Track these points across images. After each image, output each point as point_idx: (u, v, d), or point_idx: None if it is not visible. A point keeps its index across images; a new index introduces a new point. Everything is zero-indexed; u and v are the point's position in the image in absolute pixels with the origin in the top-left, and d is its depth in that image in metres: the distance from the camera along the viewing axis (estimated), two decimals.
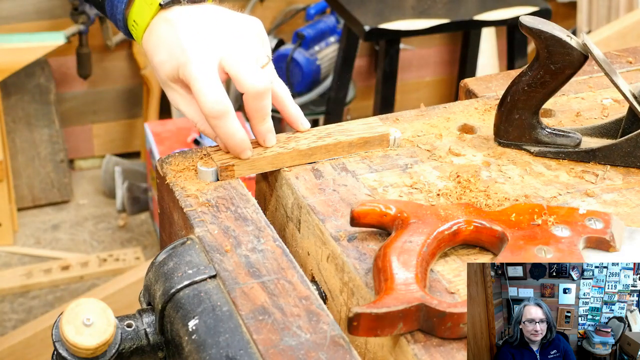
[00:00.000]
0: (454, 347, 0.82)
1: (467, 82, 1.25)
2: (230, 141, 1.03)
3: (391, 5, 2.73)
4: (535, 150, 1.09)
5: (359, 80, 3.45)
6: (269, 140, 1.06)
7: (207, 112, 1.01)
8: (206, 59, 1.02)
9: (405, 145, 1.11)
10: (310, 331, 0.83)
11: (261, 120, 1.05)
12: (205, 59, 1.02)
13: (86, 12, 2.93)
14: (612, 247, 0.92)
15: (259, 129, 1.05)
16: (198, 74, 1.01)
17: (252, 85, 1.01)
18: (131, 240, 3.05)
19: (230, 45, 1.03)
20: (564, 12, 3.61)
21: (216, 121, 1.02)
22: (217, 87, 1.01)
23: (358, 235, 0.96)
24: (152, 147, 2.90)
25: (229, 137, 1.03)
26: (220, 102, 1.00)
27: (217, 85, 1.01)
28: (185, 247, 0.94)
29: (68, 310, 0.86)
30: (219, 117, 1.01)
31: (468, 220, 0.93)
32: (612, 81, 1.04)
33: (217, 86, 1.01)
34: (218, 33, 1.04)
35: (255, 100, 1.02)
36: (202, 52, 1.02)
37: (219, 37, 1.04)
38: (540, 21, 1.03)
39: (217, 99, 1.00)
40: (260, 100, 1.02)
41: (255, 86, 1.01)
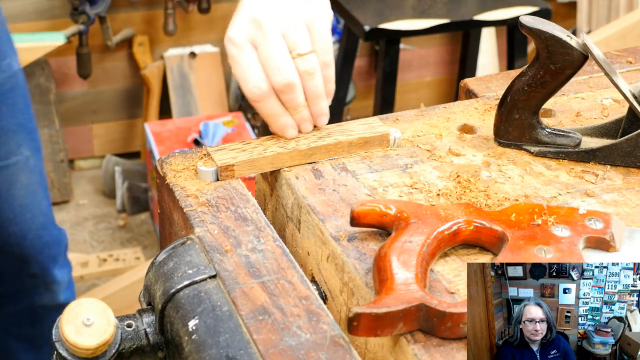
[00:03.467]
0: (454, 347, 0.82)
1: (467, 82, 1.25)
2: (269, 121, 1.07)
3: (391, 5, 2.73)
4: (535, 150, 1.09)
5: (359, 80, 3.45)
6: (304, 128, 1.09)
7: (247, 96, 1.05)
8: (242, 41, 1.04)
9: (405, 145, 1.11)
10: (310, 331, 0.83)
11: (292, 110, 1.07)
12: (241, 41, 1.04)
13: (86, 12, 2.93)
14: (612, 247, 0.92)
15: (294, 119, 1.08)
16: (235, 56, 1.05)
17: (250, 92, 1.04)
18: (131, 240, 3.05)
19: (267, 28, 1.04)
20: (564, 12, 3.61)
21: (256, 104, 1.06)
22: (253, 71, 1.04)
23: (358, 235, 0.96)
24: (152, 147, 2.90)
25: (268, 118, 1.07)
26: (258, 87, 1.04)
27: (254, 69, 1.04)
28: (185, 247, 0.94)
29: (68, 310, 0.86)
30: (258, 101, 1.05)
31: (468, 220, 0.93)
32: (612, 81, 1.04)
33: (253, 70, 1.04)
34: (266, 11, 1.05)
35: (280, 94, 1.05)
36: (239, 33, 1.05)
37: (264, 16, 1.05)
38: (540, 21, 1.03)
39: (255, 84, 1.04)
40: (283, 94, 1.05)
41: (252, 92, 1.04)
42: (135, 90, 3.27)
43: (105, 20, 3.02)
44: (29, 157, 1.73)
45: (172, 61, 3.20)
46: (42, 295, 1.88)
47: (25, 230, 1.77)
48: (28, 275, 1.84)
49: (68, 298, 1.93)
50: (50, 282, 1.87)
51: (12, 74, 1.67)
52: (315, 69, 1.05)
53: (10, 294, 1.89)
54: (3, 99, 1.66)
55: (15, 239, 1.77)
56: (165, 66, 3.20)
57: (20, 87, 1.69)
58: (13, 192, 1.73)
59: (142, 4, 3.16)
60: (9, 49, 1.66)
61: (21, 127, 1.71)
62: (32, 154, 1.74)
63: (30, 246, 1.79)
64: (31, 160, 1.74)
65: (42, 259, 1.82)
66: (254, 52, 1.04)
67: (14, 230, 1.76)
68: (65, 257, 1.91)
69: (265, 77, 1.04)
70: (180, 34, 3.19)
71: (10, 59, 1.67)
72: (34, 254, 1.81)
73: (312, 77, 1.05)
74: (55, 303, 1.90)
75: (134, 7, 3.14)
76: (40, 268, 1.83)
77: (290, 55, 1.04)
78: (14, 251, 1.79)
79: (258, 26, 1.04)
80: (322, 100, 1.08)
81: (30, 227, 1.78)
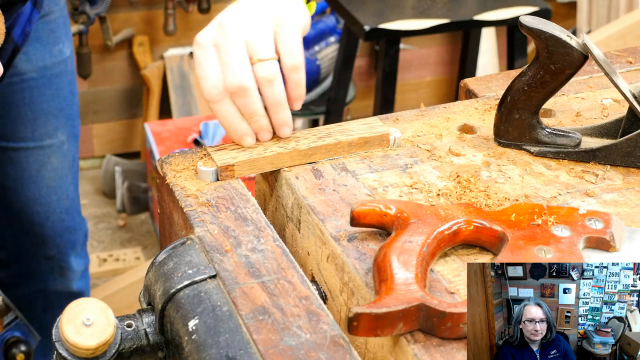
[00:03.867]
0: (454, 347, 0.82)
1: (467, 82, 1.25)
2: (225, 126, 1.06)
3: (391, 5, 2.73)
4: (535, 150, 1.09)
5: (359, 80, 3.45)
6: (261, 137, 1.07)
7: (205, 96, 1.05)
8: (206, 43, 1.05)
9: (405, 145, 1.11)
10: (310, 331, 0.83)
11: (248, 118, 1.06)
12: (205, 43, 1.05)
13: (86, 12, 2.93)
14: (612, 247, 0.92)
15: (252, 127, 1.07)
16: (197, 57, 1.05)
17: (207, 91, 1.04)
18: (131, 240, 3.05)
19: (230, 32, 1.04)
20: (564, 12, 3.61)
21: (213, 105, 1.05)
22: (212, 71, 1.04)
23: (358, 235, 0.96)
24: (152, 147, 2.90)
25: (224, 122, 1.06)
26: (215, 86, 1.03)
27: (213, 70, 1.04)
28: (185, 247, 0.94)
29: (68, 310, 0.86)
30: (214, 102, 1.04)
31: (468, 220, 0.93)
32: (612, 81, 1.04)
33: (212, 71, 1.04)
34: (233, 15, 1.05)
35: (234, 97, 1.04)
36: (205, 36, 1.05)
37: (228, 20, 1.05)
38: (540, 21, 1.03)
39: (212, 84, 1.04)
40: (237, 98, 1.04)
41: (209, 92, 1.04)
42: (135, 90, 3.27)
43: (105, 20, 3.02)
44: (64, 141, 1.77)
45: (172, 61, 3.20)
46: (56, 279, 1.91)
47: (49, 211, 1.80)
48: (45, 257, 1.87)
49: (81, 288, 1.97)
50: (65, 268, 1.90)
51: (62, 59, 1.70)
52: (275, 76, 1.04)
53: (25, 274, 1.92)
54: (48, 83, 1.69)
55: (38, 219, 1.80)
56: (165, 66, 3.20)
57: (68, 74, 1.73)
58: (43, 173, 1.76)
59: (142, 4, 3.16)
60: (63, 35, 1.70)
61: (61, 112, 1.74)
62: (68, 139, 1.78)
63: (52, 228, 1.83)
64: (66, 145, 1.77)
65: (60, 243, 1.86)
66: (216, 54, 1.04)
67: (38, 210, 1.79)
68: (83, 248, 1.94)
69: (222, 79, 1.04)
70: (180, 34, 3.19)
71: (63, 45, 1.70)
72: (53, 237, 1.84)
73: (270, 84, 1.04)
74: (67, 290, 1.93)
75: (134, 7, 3.14)
76: (58, 251, 1.87)
77: (251, 61, 1.03)
78: (35, 231, 1.82)
79: (222, 30, 1.04)
80: (284, 109, 1.06)
81: (54, 210, 1.81)
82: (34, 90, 1.68)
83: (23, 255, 1.89)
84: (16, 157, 1.73)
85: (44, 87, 1.69)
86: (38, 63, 1.66)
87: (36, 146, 1.73)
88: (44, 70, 1.67)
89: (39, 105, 1.69)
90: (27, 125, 1.70)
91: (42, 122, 1.71)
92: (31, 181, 1.76)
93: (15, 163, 1.74)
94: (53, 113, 1.72)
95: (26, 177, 1.75)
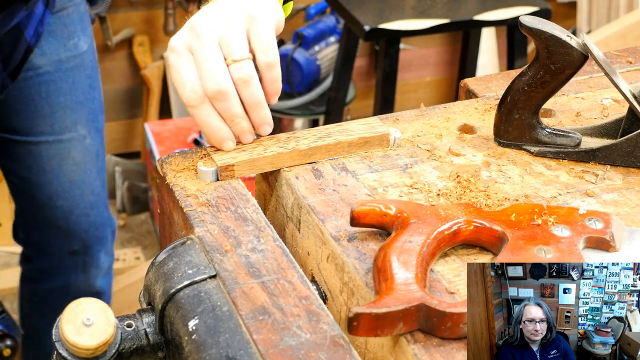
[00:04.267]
0: (454, 347, 0.82)
1: (467, 82, 1.25)
2: (206, 131, 1.05)
3: (391, 5, 2.73)
4: (535, 150, 1.09)
5: (359, 80, 3.45)
6: (244, 139, 1.06)
7: (184, 101, 1.03)
8: (180, 48, 1.04)
9: (405, 145, 1.11)
10: (310, 331, 0.83)
11: (229, 121, 1.05)
12: (179, 48, 1.04)
13: None
14: (612, 247, 0.92)
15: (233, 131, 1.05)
16: (173, 63, 1.04)
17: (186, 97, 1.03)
18: (131, 240, 3.05)
19: (203, 35, 1.03)
20: (564, 12, 3.61)
21: (192, 110, 1.04)
22: (189, 76, 1.02)
23: (358, 235, 0.96)
24: (152, 147, 2.90)
25: (204, 128, 1.05)
26: (194, 91, 1.02)
27: (190, 75, 1.02)
28: (185, 247, 0.94)
29: (68, 310, 0.86)
30: (194, 107, 1.03)
31: (468, 220, 0.93)
32: (612, 81, 1.04)
33: (189, 76, 1.02)
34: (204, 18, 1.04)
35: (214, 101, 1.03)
36: (178, 40, 1.04)
37: (201, 23, 1.04)
38: (540, 21, 1.03)
39: (191, 89, 1.02)
40: (217, 102, 1.03)
41: (188, 97, 1.03)
42: (135, 90, 3.27)
43: (105, 20, 3.02)
44: (85, 135, 1.78)
45: None
46: (79, 276, 1.93)
47: (72, 206, 1.82)
48: (69, 252, 1.88)
49: (103, 287, 1.98)
50: (89, 264, 1.91)
51: (77, 54, 1.71)
52: (251, 76, 1.02)
53: (48, 270, 1.94)
54: (64, 77, 1.71)
55: (62, 213, 1.82)
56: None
57: (86, 68, 1.74)
58: (64, 167, 1.78)
59: (142, 4, 3.16)
60: (79, 30, 1.71)
61: (80, 106, 1.76)
62: (90, 133, 1.79)
63: (76, 222, 1.84)
64: (87, 139, 1.79)
65: (85, 237, 1.87)
66: (191, 58, 1.03)
67: (61, 204, 1.81)
68: (111, 246, 1.96)
69: (200, 83, 1.02)
70: None
71: (79, 40, 1.71)
72: (78, 231, 1.86)
73: (247, 84, 1.03)
74: (89, 288, 1.95)
75: (134, 7, 3.14)
76: (83, 246, 1.88)
77: (226, 62, 1.02)
78: (59, 225, 1.84)
79: (195, 33, 1.03)
80: (263, 108, 1.05)
81: (78, 204, 1.83)
82: (50, 84, 1.70)
83: (47, 250, 1.90)
84: (36, 151, 1.75)
85: (60, 80, 1.70)
86: (52, 57, 1.68)
87: (55, 140, 1.75)
88: (59, 64, 1.69)
89: (56, 99, 1.71)
90: (45, 119, 1.72)
91: (60, 116, 1.73)
92: (53, 175, 1.78)
93: (36, 157, 1.76)
94: (71, 107, 1.74)
95: (48, 170, 1.77)
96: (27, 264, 1.98)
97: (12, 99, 1.68)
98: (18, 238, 1.96)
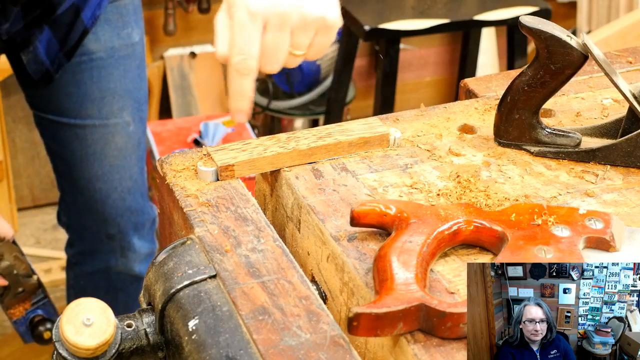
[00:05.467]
0: (454, 347, 0.82)
1: (467, 82, 1.25)
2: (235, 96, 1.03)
3: (391, 5, 2.73)
4: (535, 150, 1.09)
5: (359, 80, 3.45)
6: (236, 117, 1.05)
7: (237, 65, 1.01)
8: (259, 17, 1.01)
9: (405, 145, 1.11)
10: (310, 331, 0.83)
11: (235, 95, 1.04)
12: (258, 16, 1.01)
13: None
14: (612, 247, 0.92)
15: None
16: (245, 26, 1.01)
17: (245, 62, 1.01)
18: None
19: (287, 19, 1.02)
20: (564, 12, 3.61)
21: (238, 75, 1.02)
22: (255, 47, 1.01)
23: (358, 235, 0.96)
24: (152, 147, 2.90)
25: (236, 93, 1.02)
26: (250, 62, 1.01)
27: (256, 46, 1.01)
28: (185, 247, 0.94)
29: (68, 310, 0.86)
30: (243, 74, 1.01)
31: (468, 220, 0.93)
32: (612, 81, 1.04)
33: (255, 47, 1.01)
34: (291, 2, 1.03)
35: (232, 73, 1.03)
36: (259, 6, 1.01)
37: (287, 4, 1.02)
38: (540, 21, 1.03)
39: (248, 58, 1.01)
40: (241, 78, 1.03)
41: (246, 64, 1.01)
42: None
43: None
44: (130, 122, 1.81)
45: (172, 61, 3.20)
46: (118, 260, 1.95)
47: (110, 189, 1.85)
48: (106, 236, 1.91)
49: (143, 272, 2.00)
50: (127, 249, 1.93)
51: (130, 43, 1.75)
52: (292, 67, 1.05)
53: (88, 253, 1.97)
54: (116, 64, 1.74)
55: (100, 196, 1.85)
56: (165, 66, 3.20)
57: (136, 59, 1.78)
58: (107, 151, 1.81)
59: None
60: (132, 21, 1.76)
61: (128, 94, 1.79)
62: (134, 121, 1.82)
63: (113, 206, 1.87)
64: (131, 127, 1.82)
65: (121, 222, 1.89)
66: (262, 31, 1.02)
67: (100, 187, 1.84)
68: (150, 233, 1.98)
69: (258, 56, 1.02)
70: (180, 34, 3.19)
71: (132, 30, 1.76)
72: (114, 215, 1.88)
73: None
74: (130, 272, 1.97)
75: None
76: (119, 231, 1.90)
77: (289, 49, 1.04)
78: (97, 208, 1.87)
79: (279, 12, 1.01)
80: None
81: (115, 188, 1.85)
82: (102, 70, 1.73)
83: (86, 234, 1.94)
84: (82, 134, 1.79)
85: (112, 67, 1.74)
86: (106, 44, 1.71)
87: (102, 124, 1.78)
88: (112, 51, 1.73)
89: (106, 85, 1.75)
90: (94, 103, 1.76)
91: (109, 101, 1.77)
92: (95, 158, 1.81)
93: (82, 140, 1.79)
94: (119, 93, 1.77)
95: (90, 153, 1.81)
96: (70, 249, 2.02)
97: (64, 81, 1.72)
98: (61, 222, 2.00)
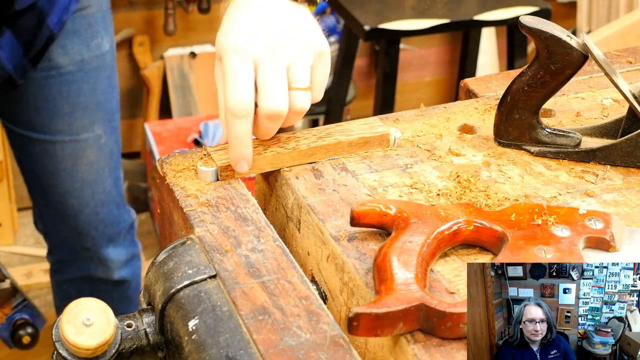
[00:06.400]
0: (454, 347, 0.82)
1: (467, 82, 1.25)
2: (235, 144, 1.01)
3: (391, 5, 2.73)
4: (535, 150, 1.09)
5: (359, 80, 3.45)
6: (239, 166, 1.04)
7: (235, 106, 0.99)
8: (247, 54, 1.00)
9: (405, 145, 1.11)
10: (310, 331, 0.83)
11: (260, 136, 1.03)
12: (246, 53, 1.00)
13: None
14: (612, 247, 0.92)
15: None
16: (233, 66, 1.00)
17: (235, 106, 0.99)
18: None
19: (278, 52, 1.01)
20: (564, 12, 3.61)
21: (232, 118, 1.00)
22: (248, 87, 0.99)
23: (358, 235, 0.96)
24: (152, 147, 2.90)
25: (235, 140, 1.01)
26: (245, 101, 0.99)
27: (250, 86, 0.99)
28: (185, 247, 0.94)
29: (68, 310, 0.86)
30: (238, 117, 0.99)
31: (468, 220, 0.93)
32: (612, 81, 1.04)
33: (249, 86, 0.99)
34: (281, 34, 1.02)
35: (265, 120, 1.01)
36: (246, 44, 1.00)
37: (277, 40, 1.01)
38: (540, 21, 1.03)
39: (242, 98, 0.99)
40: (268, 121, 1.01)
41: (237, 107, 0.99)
42: (135, 90, 3.27)
43: None
44: (101, 135, 1.78)
45: (172, 61, 3.20)
46: (97, 268, 1.95)
47: (82, 205, 1.83)
48: (82, 248, 1.91)
49: (125, 277, 1.99)
50: (103, 259, 1.93)
51: (100, 54, 1.72)
52: (306, 109, 1.02)
53: (67, 261, 1.97)
54: (86, 77, 1.71)
55: (73, 211, 1.84)
56: (165, 66, 3.20)
57: (106, 68, 1.75)
58: (78, 167, 1.79)
59: (142, 4, 3.16)
60: (102, 30, 1.72)
61: (99, 106, 1.76)
62: (106, 133, 1.79)
63: (86, 221, 1.86)
64: (103, 139, 1.79)
65: (95, 235, 1.89)
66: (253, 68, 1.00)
67: (72, 203, 1.83)
68: (128, 237, 1.97)
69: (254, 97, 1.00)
70: (180, 34, 3.19)
71: (102, 40, 1.72)
72: (88, 229, 1.87)
73: (299, 115, 1.02)
74: (110, 278, 1.97)
75: (134, 7, 3.14)
76: (93, 244, 1.90)
77: (289, 86, 1.01)
78: (70, 222, 1.86)
79: (269, 48, 1.00)
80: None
81: (88, 203, 1.84)
82: (72, 84, 1.70)
83: (63, 244, 1.93)
84: (52, 150, 1.76)
85: (82, 81, 1.71)
86: (75, 57, 1.68)
87: (72, 140, 1.75)
88: (81, 64, 1.70)
89: (76, 99, 1.72)
90: (64, 118, 1.73)
91: (79, 116, 1.74)
92: (66, 174, 1.79)
93: (52, 155, 1.77)
94: (90, 107, 1.74)
95: (61, 169, 1.78)
96: (50, 256, 2.01)
97: (32, 95, 1.69)
98: (38, 228, 1.99)
